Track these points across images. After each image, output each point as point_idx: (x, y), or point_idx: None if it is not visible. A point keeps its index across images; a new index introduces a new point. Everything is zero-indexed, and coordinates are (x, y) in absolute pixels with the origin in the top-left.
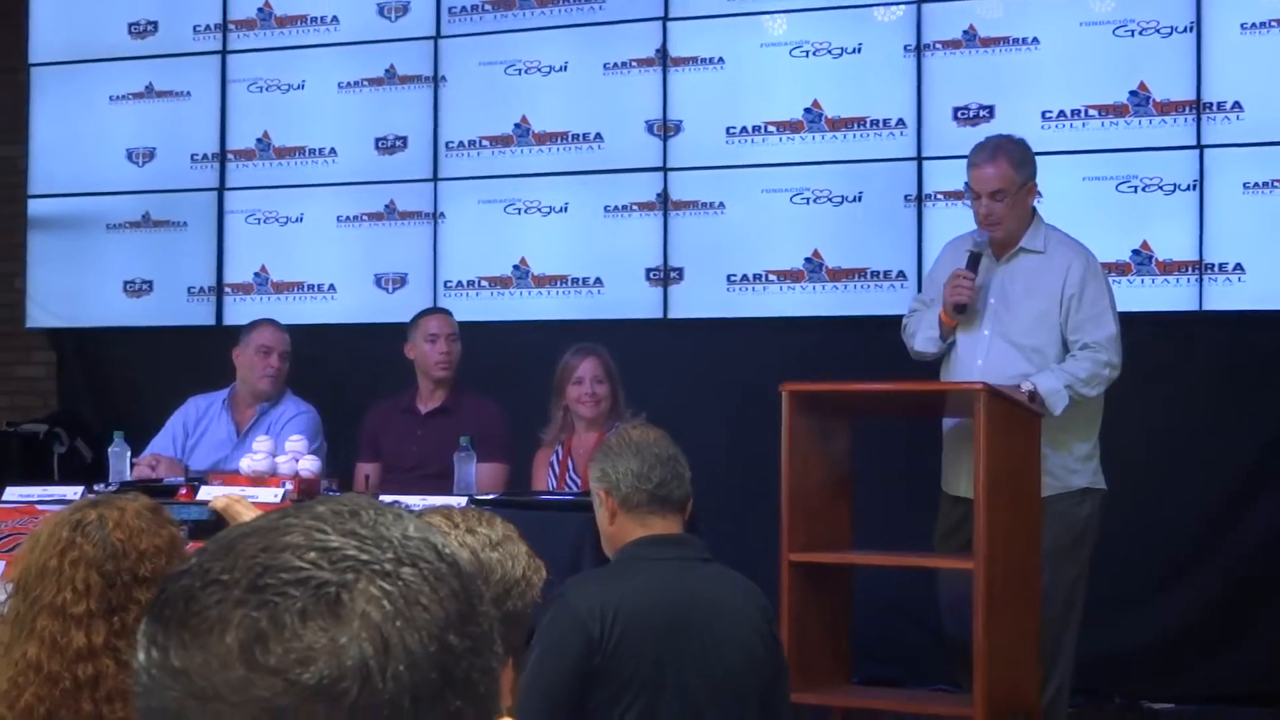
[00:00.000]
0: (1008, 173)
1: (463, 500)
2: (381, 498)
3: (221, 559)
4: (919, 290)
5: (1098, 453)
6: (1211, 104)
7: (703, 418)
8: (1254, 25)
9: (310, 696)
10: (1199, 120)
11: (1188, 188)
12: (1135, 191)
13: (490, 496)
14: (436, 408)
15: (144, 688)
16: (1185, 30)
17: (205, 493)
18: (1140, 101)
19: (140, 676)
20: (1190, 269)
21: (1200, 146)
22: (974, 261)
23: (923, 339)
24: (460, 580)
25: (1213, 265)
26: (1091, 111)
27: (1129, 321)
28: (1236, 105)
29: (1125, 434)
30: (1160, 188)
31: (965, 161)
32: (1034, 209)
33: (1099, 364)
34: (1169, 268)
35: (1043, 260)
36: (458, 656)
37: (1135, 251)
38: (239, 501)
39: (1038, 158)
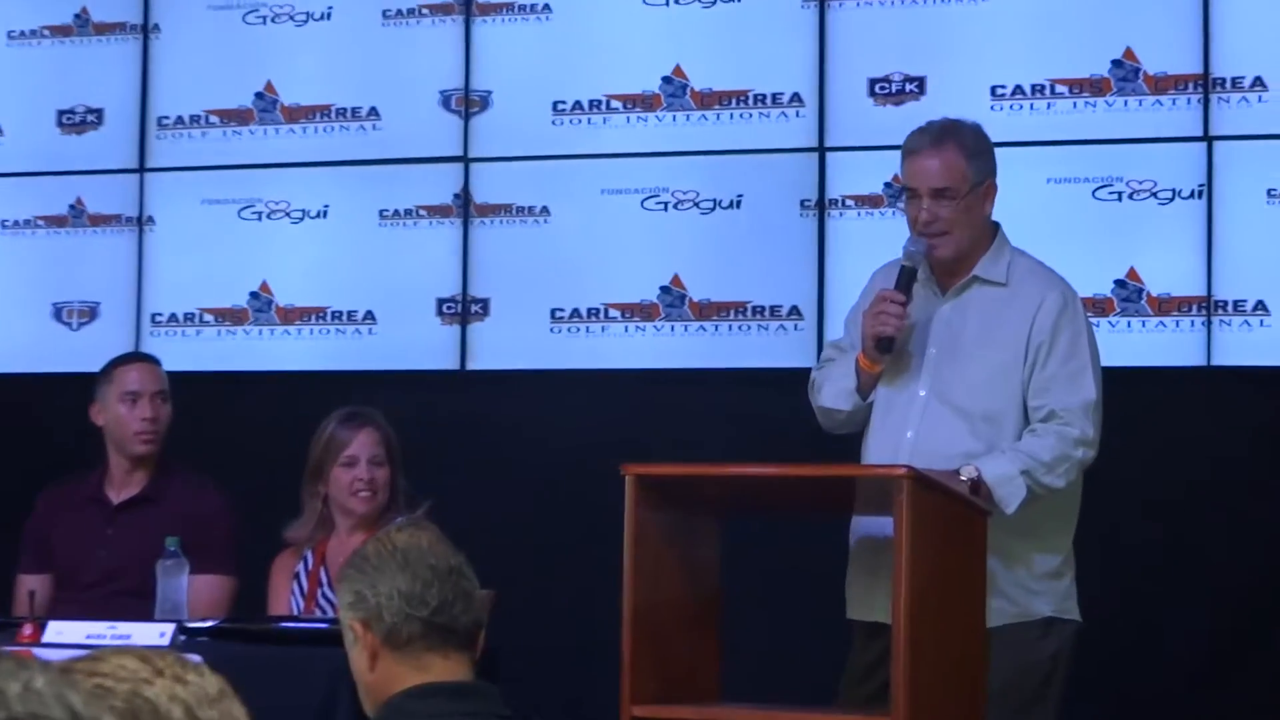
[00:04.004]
0: (958, 164)
1: (168, 628)
2: (51, 625)
3: None
4: (819, 336)
5: (1071, 569)
6: (1224, 80)
7: (512, 510)
8: None
9: None
10: (1206, 102)
11: (1191, 195)
12: (1119, 199)
13: (208, 624)
14: (135, 496)
15: None
16: None
17: None
18: (1126, 75)
19: None
20: (1194, 308)
21: (1208, 138)
22: (907, 280)
23: (832, 392)
24: None
25: (1225, 303)
26: (1060, 87)
27: (1110, 380)
28: (1258, 82)
29: (1106, 535)
30: (1154, 195)
31: (892, 152)
32: (995, 225)
33: (1069, 442)
34: (1165, 306)
35: (1004, 295)
36: None
37: (1119, 283)
38: None
39: None
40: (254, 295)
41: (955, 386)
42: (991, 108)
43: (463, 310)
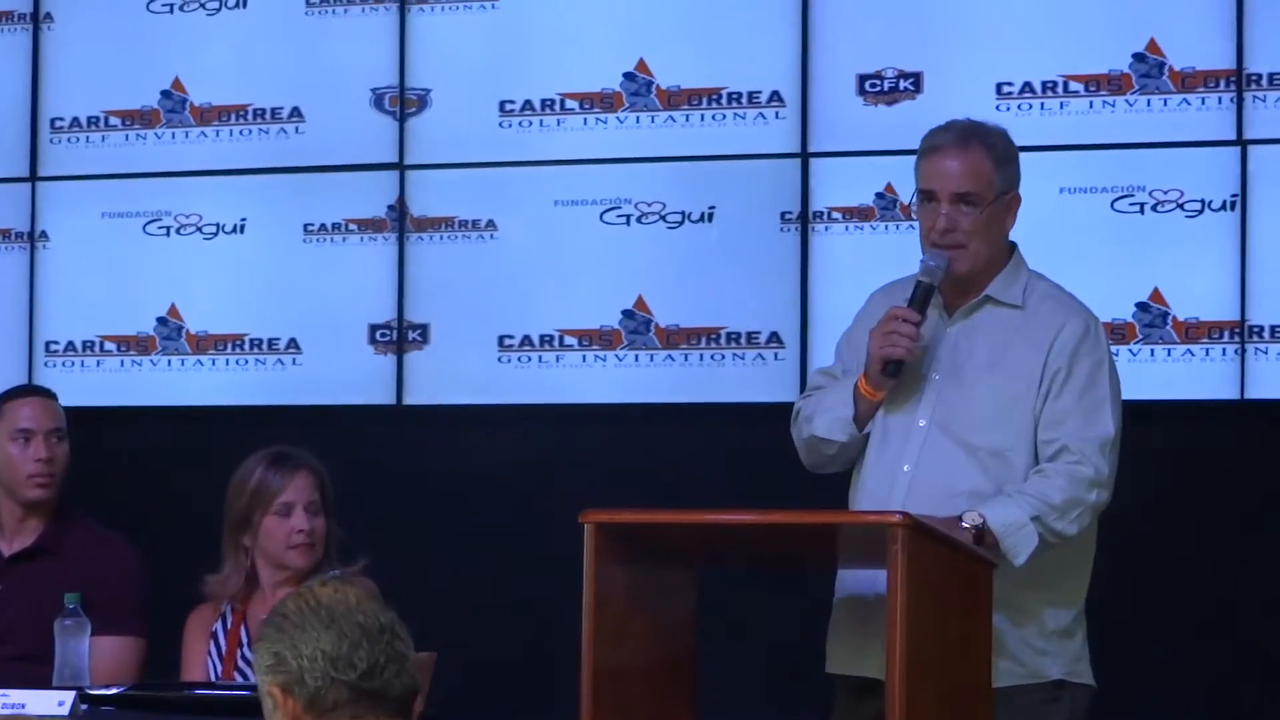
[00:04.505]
0: (984, 169)
1: (68, 696)
2: None
3: None
4: (803, 366)
5: (1082, 627)
6: (1260, 76)
7: (454, 563)
8: None
9: None
10: (1240, 101)
11: (1223, 206)
12: (1142, 211)
13: (113, 690)
14: (29, 547)
15: None
16: None
17: None
18: (1150, 70)
19: None
20: (1226, 334)
21: (1242, 142)
22: (923, 296)
23: (826, 422)
24: None
25: (1261, 329)
26: (1074, 85)
27: (1131, 415)
28: None
29: (1125, 587)
30: (1181, 206)
31: (884, 158)
32: (1012, 245)
33: (1081, 484)
34: (1194, 331)
35: (1018, 319)
36: None
37: (1141, 306)
38: None
39: None
40: (161, 321)
41: (960, 417)
42: (997, 108)
43: (398, 338)
